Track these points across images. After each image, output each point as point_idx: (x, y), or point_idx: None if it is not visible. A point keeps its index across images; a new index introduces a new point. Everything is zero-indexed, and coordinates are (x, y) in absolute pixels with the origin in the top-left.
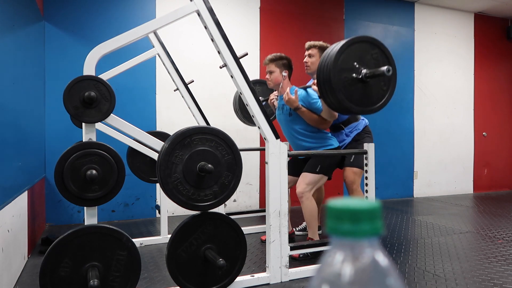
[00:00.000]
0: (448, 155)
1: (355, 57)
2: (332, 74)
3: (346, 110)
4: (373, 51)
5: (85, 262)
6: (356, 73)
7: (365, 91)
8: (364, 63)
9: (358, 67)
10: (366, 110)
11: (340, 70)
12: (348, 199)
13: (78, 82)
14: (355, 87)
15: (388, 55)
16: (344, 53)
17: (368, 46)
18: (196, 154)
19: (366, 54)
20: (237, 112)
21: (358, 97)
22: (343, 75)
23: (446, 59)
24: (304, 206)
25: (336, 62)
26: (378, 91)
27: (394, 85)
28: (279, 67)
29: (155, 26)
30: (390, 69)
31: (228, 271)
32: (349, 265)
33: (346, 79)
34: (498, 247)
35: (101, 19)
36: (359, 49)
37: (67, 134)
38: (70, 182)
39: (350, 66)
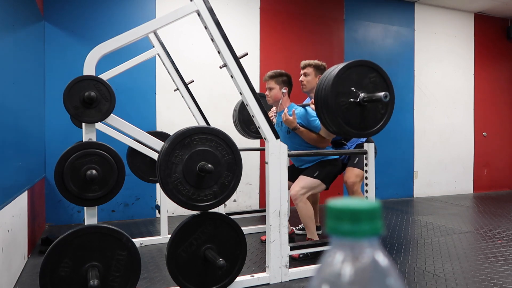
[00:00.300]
0: (448, 155)
1: (353, 81)
2: (330, 98)
3: (344, 134)
4: (372, 75)
5: (85, 262)
6: (354, 97)
7: (363, 114)
8: (362, 87)
9: (356, 91)
10: (364, 133)
11: (337, 94)
12: (348, 199)
13: (78, 82)
14: (352, 111)
15: (387, 79)
16: (341, 77)
17: (367, 70)
18: (196, 154)
19: (364, 78)
20: (236, 125)
21: (356, 121)
22: (340, 99)
23: (446, 59)
24: (299, 209)
25: (334, 86)
26: (376, 115)
27: (391, 108)
28: (278, 84)
29: (155, 26)
30: (387, 95)
31: (228, 271)
32: (349, 265)
33: (344, 103)
34: (498, 247)
35: (101, 19)
36: (357, 72)
37: (67, 134)
38: (70, 182)
39: (347, 90)
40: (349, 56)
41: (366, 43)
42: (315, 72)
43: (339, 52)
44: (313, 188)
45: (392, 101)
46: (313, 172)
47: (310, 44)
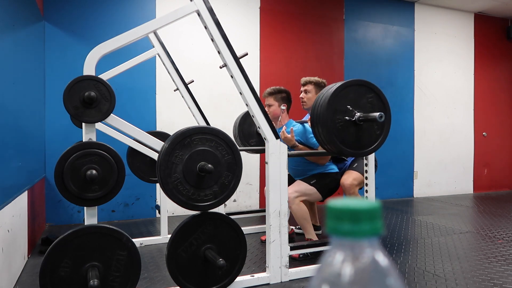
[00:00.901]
0: (448, 155)
1: (350, 100)
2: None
3: (339, 152)
4: (369, 95)
5: (85, 262)
6: (350, 116)
7: (358, 134)
8: (359, 107)
9: (352, 110)
10: (358, 153)
11: (333, 112)
12: (348, 199)
13: (78, 82)
14: (348, 129)
15: (384, 100)
16: (338, 95)
17: (365, 90)
18: (196, 154)
19: (362, 97)
20: (236, 138)
21: (351, 140)
22: (336, 116)
23: (446, 59)
24: (293, 211)
25: (330, 103)
26: (371, 135)
27: (387, 129)
28: (277, 100)
29: (155, 26)
30: (382, 116)
31: (228, 271)
32: (349, 265)
33: (339, 121)
34: (498, 247)
35: (101, 19)
36: (355, 92)
37: (67, 134)
38: (70, 182)
39: (344, 108)
40: (349, 56)
41: (366, 43)
42: (315, 89)
43: (339, 52)
44: (307, 194)
45: (388, 122)
46: (310, 180)
47: (310, 44)
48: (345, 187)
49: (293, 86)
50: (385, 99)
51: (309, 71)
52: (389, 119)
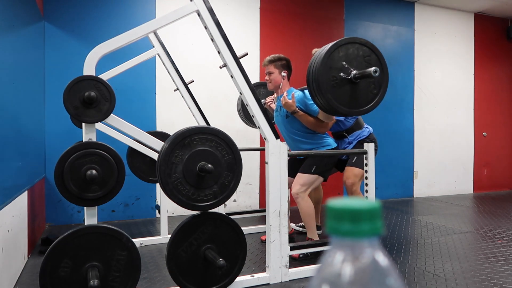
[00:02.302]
0: (448, 155)
1: (346, 58)
2: (320, 72)
3: (333, 111)
4: (365, 54)
5: (85, 262)
6: (345, 73)
7: (354, 92)
8: (356, 65)
9: (347, 67)
10: (353, 111)
11: (328, 70)
12: (348, 199)
13: (78, 82)
14: (343, 87)
15: (381, 58)
16: (334, 52)
17: (361, 48)
18: (196, 154)
19: (358, 56)
20: (239, 112)
21: (346, 98)
22: (331, 74)
23: (446, 59)
24: (300, 207)
25: (325, 61)
26: (368, 94)
27: (384, 89)
28: (278, 68)
29: (155, 26)
30: (377, 70)
31: (228, 271)
32: (349, 265)
33: (335, 79)
34: (498, 247)
35: (101, 19)
36: (351, 50)
37: (67, 134)
38: (70, 182)
39: (339, 66)
40: None
41: None
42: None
43: None
44: (312, 183)
45: (385, 81)
46: (310, 168)
47: (310, 44)
48: (347, 185)
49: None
50: (382, 57)
51: None
52: (387, 78)
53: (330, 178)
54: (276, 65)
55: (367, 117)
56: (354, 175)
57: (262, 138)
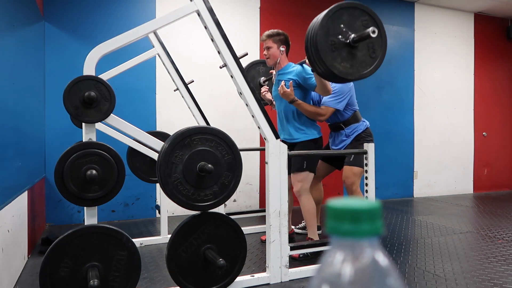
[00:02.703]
0: (448, 155)
1: (344, 22)
2: (319, 36)
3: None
4: (363, 18)
5: (85, 262)
6: (343, 37)
7: (352, 56)
8: (354, 30)
9: (346, 31)
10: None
11: (326, 33)
12: (348, 199)
13: (78, 82)
14: (341, 51)
15: (378, 22)
16: (332, 16)
17: (358, 13)
18: (196, 154)
19: (355, 20)
20: None
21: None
22: (330, 38)
23: (446, 59)
24: (302, 205)
25: (323, 24)
26: (366, 59)
27: (383, 53)
28: (276, 42)
29: (155, 26)
30: (375, 30)
31: (228, 271)
32: (349, 265)
33: (333, 43)
34: (498, 247)
35: (101, 19)
36: (348, 14)
37: (67, 134)
38: (70, 182)
39: (337, 29)
40: None
41: None
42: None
43: None
44: (307, 180)
45: (384, 44)
46: (302, 165)
47: None
48: (346, 184)
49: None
50: (380, 22)
51: None
52: (385, 41)
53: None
54: (275, 40)
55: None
56: (353, 174)
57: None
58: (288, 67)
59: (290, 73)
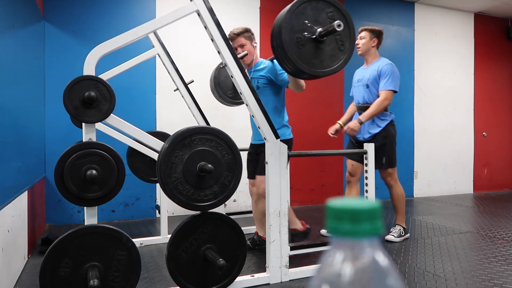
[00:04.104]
0: (448, 155)
1: (309, 16)
2: (284, 34)
3: (299, 72)
4: (328, 10)
5: (85, 262)
6: (309, 32)
7: (320, 51)
8: (320, 23)
9: (311, 26)
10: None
11: (291, 30)
12: (348, 199)
13: (78, 82)
14: (308, 47)
15: (345, 13)
16: (295, 12)
17: (322, 5)
18: (196, 154)
19: (320, 13)
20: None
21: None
22: (295, 35)
23: (446, 59)
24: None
25: (287, 21)
26: (335, 52)
27: (352, 46)
28: (248, 39)
29: (155, 26)
30: (340, 24)
31: (228, 271)
32: (349, 265)
33: (299, 39)
34: (498, 247)
35: (101, 19)
36: (312, 8)
37: (67, 134)
38: (70, 182)
39: (302, 25)
40: None
41: None
42: (370, 35)
43: None
44: None
45: (352, 37)
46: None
47: None
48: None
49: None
50: (346, 12)
51: None
52: (353, 34)
53: (330, 178)
54: (246, 37)
55: None
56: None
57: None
58: (259, 63)
59: (262, 69)
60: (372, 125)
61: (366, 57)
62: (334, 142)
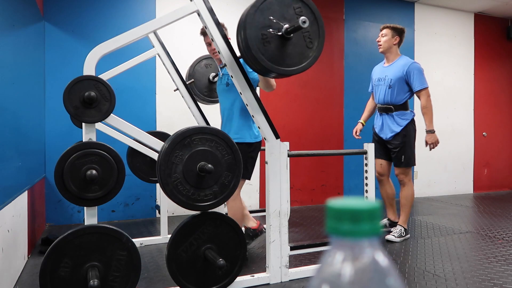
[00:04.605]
0: (448, 155)
1: (275, 12)
2: (248, 31)
3: (267, 71)
4: (296, 5)
5: (85, 262)
6: (275, 29)
7: (288, 49)
8: (287, 19)
9: (277, 22)
10: (289, 70)
11: (256, 27)
12: (348, 199)
13: (78, 82)
14: (275, 45)
15: (314, 10)
16: (260, 8)
17: (290, 0)
18: (196, 154)
19: (288, 9)
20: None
21: (279, 56)
22: (260, 31)
23: (446, 59)
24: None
25: (251, 17)
26: (303, 50)
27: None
28: None
29: (155, 26)
30: (305, 20)
31: (228, 271)
32: (349, 265)
33: (265, 36)
34: (498, 247)
35: (101, 19)
36: (279, 4)
37: (67, 134)
38: (70, 182)
39: (268, 21)
40: (349, 56)
41: (366, 43)
42: (392, 33)
43: (339, 52)
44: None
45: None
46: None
47: None
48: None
49: (293, 86)
50: (315, 7)
51: (308, 71)
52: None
53: (330, 178)
54: None
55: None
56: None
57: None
58: None
59: None
60: (393, 124)
61: (388, 55)
62: (334, 142)
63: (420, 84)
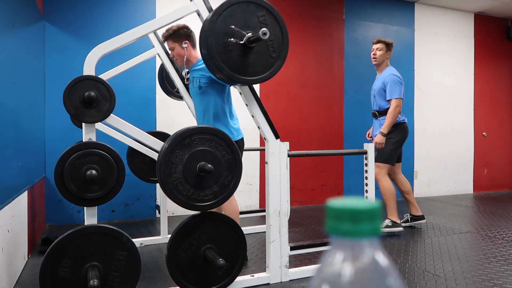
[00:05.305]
0: (448, 155)
1: (238, 20)
2: (210, 39)
3: (230, 80)
4: (260, 13)
5: (85, 262)
6: (237, 38)
7: (251, 58)
8: (250, 28)
9: (239, 31)
10: (251, 79)
11: (218, 35)
12: (348, 199)
13: (78, 82)
14: (238, 53)
15: (278, 18)
16: (222, 15)
17: (253, 8)
18: (196, 154)
19: (251, 16)
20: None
21: (242, 65)
22: (222, 40)
23: (446, 59)
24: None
25: (213, 25)
26: (267, 59)
27: (285, 52)
28: (177, 41)
29: (155, 26)
30: (266, 32)
31: (228, 271)
32: (349, 265)
33: (226, 45)
34: (498, 247)
35: (101, 19)
36: (242, 11)
37: (67, 134)
38: (70, 182)
39: (230, 30)
40: (349, 56)
41: (366, 43)
42: (385, 47)
43: (339, 52)
44: None
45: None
46: None
47: (310, 44)
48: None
49: (293, 86)
50: (279, 16)
51: (308, 71)
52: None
53: (330, 178)
54: (174, 39)
55: (367, 116)
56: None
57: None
58: (199, 62)
59: (202, 69)
60: (381, 127)
61: (379, 67)
62: (334, 142)
63: (390, 95)
